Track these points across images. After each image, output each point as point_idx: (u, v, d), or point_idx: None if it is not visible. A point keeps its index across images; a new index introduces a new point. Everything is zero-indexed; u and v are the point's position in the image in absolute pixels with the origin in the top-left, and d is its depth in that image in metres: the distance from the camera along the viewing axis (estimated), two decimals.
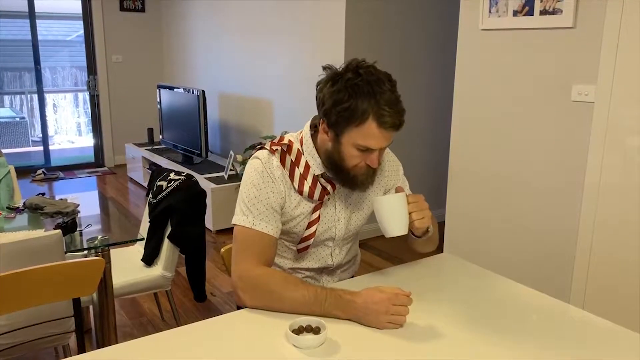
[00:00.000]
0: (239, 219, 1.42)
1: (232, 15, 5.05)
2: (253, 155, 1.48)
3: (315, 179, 1.44)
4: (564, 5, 2.37)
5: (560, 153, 2.51)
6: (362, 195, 1.56)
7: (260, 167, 1.43)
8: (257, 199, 1.41)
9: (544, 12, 2.46)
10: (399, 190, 1.42)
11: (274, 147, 1.45)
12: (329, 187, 1.46)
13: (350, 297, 1.27)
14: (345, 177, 1.42)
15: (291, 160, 1.44)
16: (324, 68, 1.38)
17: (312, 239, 1.49)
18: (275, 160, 1.44)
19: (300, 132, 1.50)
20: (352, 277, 1.72)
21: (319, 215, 1.48)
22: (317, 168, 1.44)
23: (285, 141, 1.47)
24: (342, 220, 1.52)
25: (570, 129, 2.46)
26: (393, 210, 1.36)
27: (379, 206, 1.37)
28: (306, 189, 1.43)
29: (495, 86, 2.76)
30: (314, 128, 1.47)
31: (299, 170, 1.43)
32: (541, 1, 2.45)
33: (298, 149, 1.45)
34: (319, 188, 1.44)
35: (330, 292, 1.29)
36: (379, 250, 3.88)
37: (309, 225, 1.47)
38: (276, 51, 4.48)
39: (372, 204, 1.39)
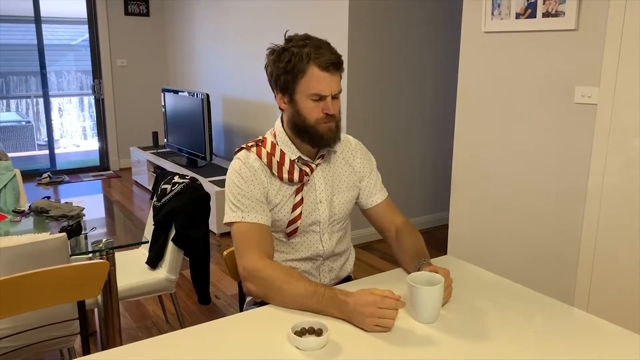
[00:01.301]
0: (229, 216, 1.51)
1: (236, 18, 5.07)
2: (234, 158, 1.58)
3: (292, 163, 1.54)
4: (566, 8, 2.37)
5: (563, 155, 2.51)
6: (341, 178, 1.64)
7: (238, 165, 1.54)
8: (241, 194, 1.50)
9: (546, 15, 2.46)
10: (432, 270, 1.38)
11: (250, 144, 1.58)
12: (306, 169, 1.55)
13: (344, 298, 1.30)
14: (312, 137, 1.51)
15: (267, 151, 1.54)
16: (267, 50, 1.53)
17: (299, 221, 1.55)
18: (253, 154, 1.55)
19: (273, 129, 1.61)
20: (349, 275, 1.75)
21: (302, 198, 1.56)
22: (292, 154, 1.55)
23: (260, 137, 1.60)
24: (325, 203, 1.60)
25: (573, 131, 2.45)
26: (433, 301, 1.29)
27: (418, 296, 1.29)
28: (285, 174, 1.53)
29: (498, 89, 2.76)
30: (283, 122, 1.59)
31: (275, 159, 1.53)
32: (544, 4, 2.45)
33: (272, 142, 1.57)
34: (297, 170, 1.54)
35: (328, 290, 1.34)
36: (382, 253, 3.88)
37: (294, 208, 1.55)
38: None
39: (409, 282, 1.31)
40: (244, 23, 4.96)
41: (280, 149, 1.55)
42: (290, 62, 1.44)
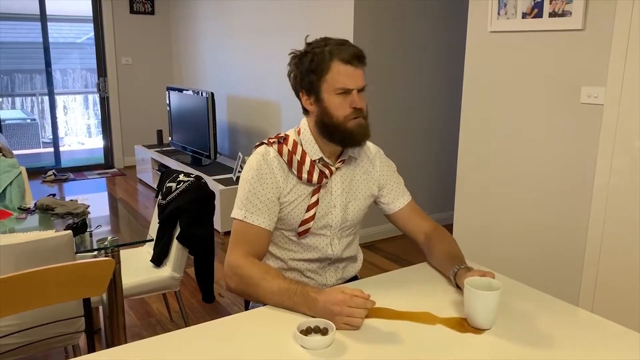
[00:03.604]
0: (234, 212, 1.53)
1: (241, 17, 5.08)
2: (253, 152, 1.57)
3: (313, 163, 1.53)
4: (573, 8, 2.36)
5: (569, 155, 2.50)
6: (359, 185, 1.63)
7: (257, 161, 1.53)
8: (251, 192, 1.50)
9: (553, 15, 2.45)
10: (489, 275, 1.34)
11: (272, 140, 1.56)
12: (326, 172, 1.54)
13: (315, 295, 1.30)
14: (342, 135, 1.49)
15: (288, 149, 1.53)
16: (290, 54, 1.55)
17: (312, 222, 1.55)
18: (273, 151, 1.54)
19: (297, 127, 1.60)
20: (356, 276, 1.75)
21: (318, 199, 1.55)
22: (314, 154, 1.54)
23: (282, 135, 1.58)
24: (339, 207, 1.59)
25: (580, 131, 2.45)
26: (492, 306, 1.27)
27: (477, 301, 1.27)
28: (305, 174, 1.52)
29: (504, 88, 2.76)
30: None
31: (296, 157, 1.52)
32: (550, 3, 2.45)
33: (294, 140, 1.55)
34: (317, 171, 1.53)
35: (301, 287, 1.34)
36: (386, 253, 3.87)
37: (309, 209, 1.54)
38: (284, 53, 4.49)
39: (466, 294, 1.28)
40: (249, 21, 4.97)
41: (303, 149, 1.54)
42: (314, 61, 1.45)
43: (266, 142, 1.56)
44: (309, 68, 1.46)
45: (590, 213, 2.44)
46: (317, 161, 1.54)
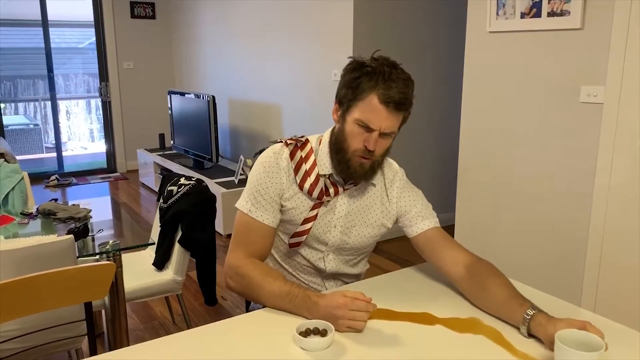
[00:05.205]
0: (240, 203, 1.51)
1: (242, 20, 5.09)
2: (269, 147, 1.54)
3: (319, 177, 1.47)
4: (571, 7, 2.36)
5: (569, 155, 2.50)
6: (370, 212, 1.54)
7: (267, 158, 1.49)
8: (256, 188, 1.48)
9: (551, 14, 2.45)
10: (588, 327, 1.13)
11: (289, 141, 1.52)
12: (331, 190, 1.48)
13: (316, 299, 1.29)
14: (341, 163, 1.43)
15: (301, 155, 1.49)
16: (349, 58, 1.45)
17: (305, 236, 1.52)
18: (286, 152, 1.49)
19: (321, 136, 1.54)
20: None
21: (317, 215, 1.50)
22: (324, 168, 1.48)
23: (303, 139, 1.53)
24: (339, 228, 1.53)
25: (579, 131, 2.44)
26: None
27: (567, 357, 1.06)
28: (307, 185, 1.47)
29: (504, 88, 2.76)
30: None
31: (305, 166, 1.48)
32: (548, 3, 2.45)
33: (312, 147, 1.51)
34: (319, 187, 1.47)
35: (302, 291, 1.33)
36: (389, 254, 3.87)
37: (305, 222, 1.50)
38: (285, 56, 4.51)
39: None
40: (249, 25, 4.98)
41: (315, 159, 1.48)
42: (359, 79, 1.36)
43: (283, 141, 1.52)
44: (351, 83, 1.38)
45: (591, 212, 2.43)
46: (327, 176, 1.48)
